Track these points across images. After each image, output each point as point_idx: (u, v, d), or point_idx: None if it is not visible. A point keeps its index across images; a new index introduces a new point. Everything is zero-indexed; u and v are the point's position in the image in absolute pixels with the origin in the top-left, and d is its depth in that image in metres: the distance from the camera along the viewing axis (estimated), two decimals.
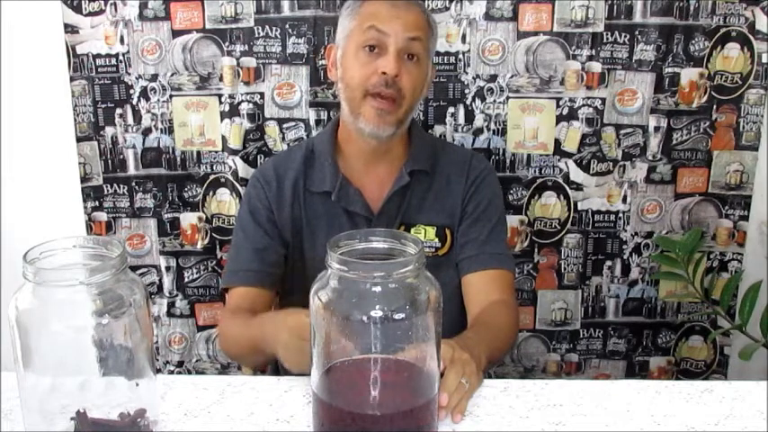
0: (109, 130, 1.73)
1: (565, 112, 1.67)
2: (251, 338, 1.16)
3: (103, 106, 1.71)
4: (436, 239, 1.35)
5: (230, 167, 1.72)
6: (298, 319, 0.99)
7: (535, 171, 1.71)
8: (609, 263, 1.77)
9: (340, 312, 0.82)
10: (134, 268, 1.66)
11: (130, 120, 1.72)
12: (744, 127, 1.68)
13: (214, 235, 1.79)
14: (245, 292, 1.32)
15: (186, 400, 0.99)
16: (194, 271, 1.81)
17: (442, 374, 0.91)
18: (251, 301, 1.30)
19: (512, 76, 1.65)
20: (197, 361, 1.87)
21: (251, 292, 1.31)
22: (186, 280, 1.82)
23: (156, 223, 1.78)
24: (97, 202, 1.76)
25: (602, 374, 1.84)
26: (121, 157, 1.74)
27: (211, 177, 1.75)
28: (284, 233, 1.35)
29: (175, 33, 1.66)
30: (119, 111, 1.71)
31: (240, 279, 1.33)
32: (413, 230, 1.34)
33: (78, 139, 1.72)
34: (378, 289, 0.80)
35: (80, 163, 1.74)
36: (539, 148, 1.70)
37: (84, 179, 1.75)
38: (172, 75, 1.69)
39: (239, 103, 1.69)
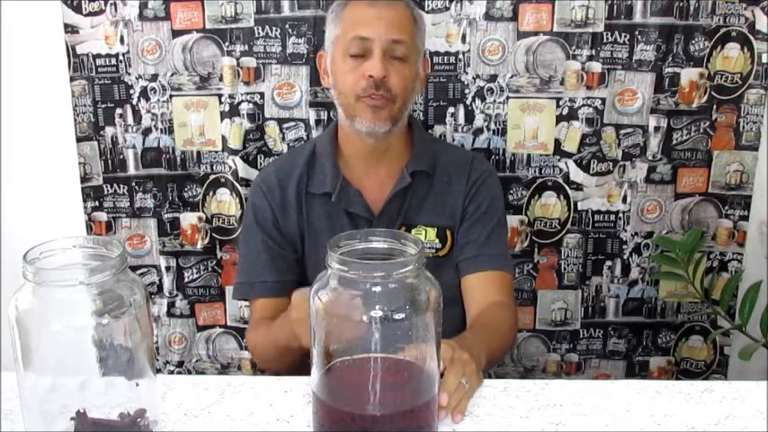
0: (109, 130, 1.73)
1: (565, 112, 1.67)
2: (275, 341, 1.20)
3: (103, 106, 1.71)
4: (437, 240, 1.35)
5: (230, 167, 1.72)
6: (298, 293, 1.07)
7: (535, 171, 1.71)
8: (609, 263, 1.77)
9: (340, 312, 0.82)
10: (134, 268, 1.65)
11: (130, 120, 1.72)
12: (744, 127, 1.68)
13: (214, 235, 1.79)
14: (265, 304, 1.35)
15: (186, 400, 0.99)
16: (194, 271, 1.81)
17: (441, 375, 0.91)
18: (272, 310, 1.33)
19: (512, 76, 1.65)
20: (197, 361, 1.87)
21: (271, 302, 1.34)
22: (186, 280, 1.81)
23: (156, 223, 1.78)
24: (97, 202, 1.76)
25: (602, 374, 1.84)
26: (121, 157, 1.74)
27: (211, 177, 1.75)
28: (291, 238, 1.36)
29: (175, 33, 1.66)
30: (119, 111, 1.71)
31: (258, 291, 1.36)
32: (413, 231, 1.34)
33: (78, 139, 1.72)
34: (378, 289, 0.80)
35: (80, 163, 1.74)
36: (539, 148, 1.70)
37: (84, 179, 1.75)
38: (172, 75, 1.69)
39: (239, 103, 1.69)
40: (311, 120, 1.69)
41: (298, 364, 1.33)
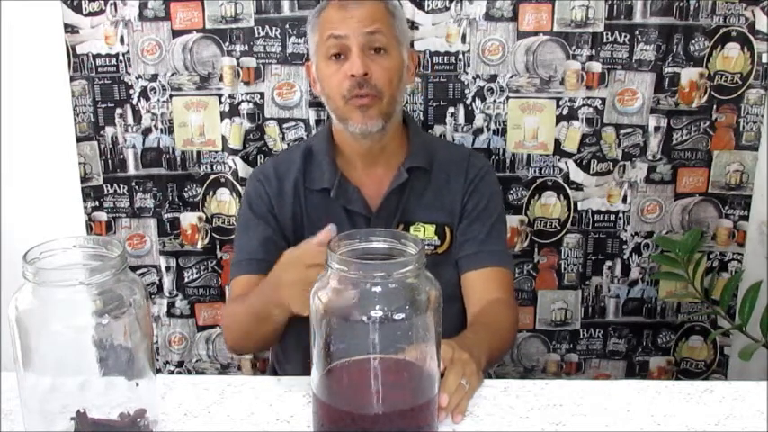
0: (109, 130, 1.73)
1: (565, 112, 1.67)
2: (252, 308, 1.14)
3: (103, 106, 1.71)
4: (435, 237, 1.35)
5: (230, 167, 1.72)
6: (289, 252, 1.02)
7: (535, 171, 1.71)
8: (609, 263, 1.77)
9: (340, 312, 0.82)
10: (134, 268, 1.65)
11: (130, 120, 1.72)
12: (744, 127, 1.68)
13: (214, 235, 1.79)
14: (247, 281, 1.29)
15: (186, 400, 1.00)
16: (194, 271, 1.81)
17: (442, 375, 0.91)
18: (255, 287, 1.26)
19: (512, 76, 1.65)
20: (197, 361, 1.87)
21: (254, 280, 1.28)
22: (186, 280, 1.81)
23: (156, 223, 1.78)
24: (97, 202, 1.76)
25: (602, 374, 1.84)
26: (121, 157, 1.74)
27: (211, 177, 1.75)
28: (285, 229, 1.35)
29: (175, 33, 1.66)
30: (119, 111, 1.71)
31: (243, 268, 1.31)
32: (412, 228, 1.34)
33: (78, 139, 1.72)
34: (378, 289, 0.80)
35: (80, 163, 1.74)
36: (539, 148, 1.70)
37: (84, 179, 1.75)
38: (172, 75, 1.69)
39: (239, 103, 1.69)
40: (311, 120, 1.69)
41: (272, 338, 1.27)
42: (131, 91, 1.70)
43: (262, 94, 1.69)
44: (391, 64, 1.27)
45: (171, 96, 1.70)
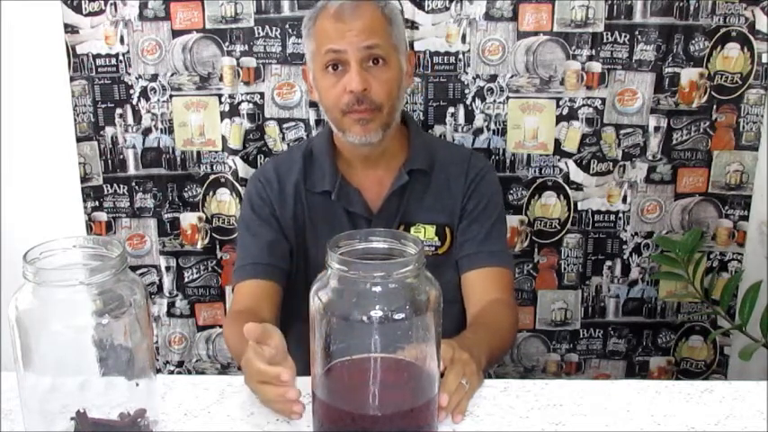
0: (109, 130, 1.73)
1: (565, 112, 1.67)
2: (240, 353, 1.13)
3: (103, 106, 1.71)
4: (436, 238, 1.35)
5: (230, 167, 1.73)
6: (244, 363, 0.96)
7: (535, 171, 1.71)
8: (609, 263, 1.77)
9: (340, 312, 0.82)
10: (134, 268, 1.65)
11: (130, 120, 1.72)
12: (744, 127, 1.68)
13: (214, 235, 1.79)
14: (251, 288, 1.29)
15: (186, 400, 1.00)
16: (194, 271, 1.81)
17: (442, 375, 0.92)
18: (258, 296, 1.28)
19: (512, 76, 1.65)
20: (197, 361, 1.87)
21: (259, 286, 1.29)
22: (186, 280, 1.82)
23: (156, 223, 1.78)
24: (97, 202, 1.76)
25: (602, 374, 1.84)
26: (121, 157, 1.74)
27: (211, 177, 1.75)
28: (287, 231, 1.35)
29: (175, 33, 1.66)
30: (119, 111, 1.71)
31: (248, 273, 1.31)
32: (412, 229, 1.34)
33: (78, 139, 1.72)
34: (378, 289, 0.80)
35: (80, 163, 1.74)
36: (539, 148, 1.70)
37: (84, 179, 1.75)
38: (172, 75, 1.69)
39: (239, 103, 1.69)
40: (311, 120, 1.69)
41: None
42: (131, 91, 1.70)
43: (262, 94, 1.69)
44: (390, 75, 1.26)
45: (171, 96, 1.70)
